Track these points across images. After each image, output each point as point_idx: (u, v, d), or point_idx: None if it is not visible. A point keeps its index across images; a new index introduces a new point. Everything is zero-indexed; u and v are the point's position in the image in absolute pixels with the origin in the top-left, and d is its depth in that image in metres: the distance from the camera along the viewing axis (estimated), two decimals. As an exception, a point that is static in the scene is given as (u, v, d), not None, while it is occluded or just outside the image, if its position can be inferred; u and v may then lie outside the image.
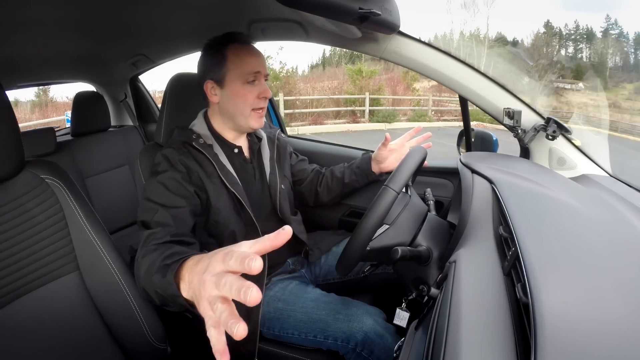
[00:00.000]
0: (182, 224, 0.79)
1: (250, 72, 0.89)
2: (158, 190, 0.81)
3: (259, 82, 0.91)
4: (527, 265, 0.43)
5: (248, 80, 0.89)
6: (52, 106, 12.35)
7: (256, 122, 0.93)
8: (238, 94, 0.90)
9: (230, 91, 0.90)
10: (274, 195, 1.01)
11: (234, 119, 0.93)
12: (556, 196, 0.68)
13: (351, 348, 0.84)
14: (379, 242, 0.75)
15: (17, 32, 1.08)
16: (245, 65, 0.89)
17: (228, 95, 0.91)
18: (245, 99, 0.90)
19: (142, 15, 1.14)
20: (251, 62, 0.89)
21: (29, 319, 0.70)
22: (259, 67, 0.90)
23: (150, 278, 0.62)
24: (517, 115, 0.94)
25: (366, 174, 1.12)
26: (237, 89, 0.89)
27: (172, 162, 0.86)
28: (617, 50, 18.36)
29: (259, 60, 0.91)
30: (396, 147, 1.10)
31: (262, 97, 0.91)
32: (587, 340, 0.34)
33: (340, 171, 1.16)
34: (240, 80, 0.89)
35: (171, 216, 0.78)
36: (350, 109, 11.11)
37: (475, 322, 0.41)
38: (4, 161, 0.67)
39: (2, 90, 0.65)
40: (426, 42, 1.00)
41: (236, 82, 0.89)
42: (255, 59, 0.90)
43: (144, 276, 0.65)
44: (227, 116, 0.94)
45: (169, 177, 0.83)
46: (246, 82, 0.89)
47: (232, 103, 0.91)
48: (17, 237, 0.69)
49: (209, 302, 0.42)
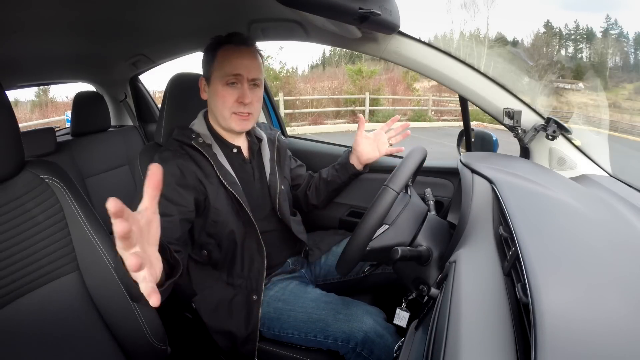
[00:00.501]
0: (169, 233, 0.78)
1: (229, 74, 0.87)
2: None
3: (240, 85, 0.89)
4: (527, 265, 0.43)
5: (228, 81, 0.88)
6: (52, 106, 12.35)
7: (237, 125, 0.91)
8: (218, 94, 0.89)
9: (212, 90, 0.90)
10: (273, 196, 1.01)
11: (217, 118, 0.93)
12: (556, 196, 0.68)
13: (351, 348, 0.84)
14: (379, 242, 0.75)
15: (17, 32, 1.08)
16: (227, 66, 0.87)
17: (212, 94, 0.91)
18: (224, 100, 0.89)
19: (142, 15, 1.14)
20: (234, 64, 0.87)
21: (29, 319, 0.70)
22: (241, 70, 0.88)
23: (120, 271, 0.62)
24: (517, 115, 0.94)
25: (346, 168, 1.11)
26: (217, 89, 0.89)
27: (167, 165, 0.84)
28: (617, 50, 18.37)
29: (244, 63, 0.88)
30: (373, 137, 1.10)
31: (240, 102, 0.89)
32: (587, 340, 0.34)
33: (325, 172, 1.16)
34: (221, 80, 0.88)
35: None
36: (350, 109, 11.11)
37: (475, 322, 0.41)
38: (4, 161, 0.67)
39: (2, 90, 0.65)
40: (426, 42, 1.00)
41: (217, 82, 0.89)
42: (240, 61, 0.88)
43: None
44: (213, 115, 0.94)
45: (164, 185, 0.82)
46: (226, 84, 0.88)
47: (213, 102, 0.92)
48: (17, 237, 0.69)
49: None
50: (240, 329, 0.90)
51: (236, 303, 0.92)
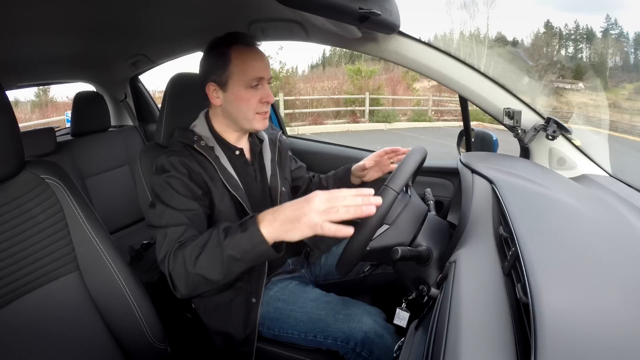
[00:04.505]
0: (198, 226, 0.80)
1: (254, 78, 0.87)
2: (169, 194, 0.81)
3: (262, 86, 0.89)
4: (527, 265, 0.43)
5: (252, 85, 0.88)
6: (52, 106, 12.33)
7: (260, 124, 0.92)
8: (241, 98, 0.88)
9: (233, 95, 0.89)
10: (274, 197, 1.00)
11: (237, 122, 0.92)
12: (556, 196, 0.68)
13: (351, 348, 0.84)
14: (379, 242, 0.75)
15: (17, 32, 1.08)
16: (249, 70, 0.87)
17: (231, 99, 0.90)
18: (249, 103, 0.89)
19: (142, 15, 1.14)
20: (255, 67, 0.88)
21: (29, 319, 0.70)
22: (263, 73, 0.88)
23: (217, 248, 0.66)
24: (517, 115, 0.94)
25: (347, 186, 1.10)
26: (240, 93, 0.88)
27: (176, 166, 0.84)
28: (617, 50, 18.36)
29: (263, 65, 0.89)
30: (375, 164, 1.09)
31: (265, 101, 0.90)
32: (587, 340, 0.34)
33: (326, 180, 1.16)
34: (244, 85, 0.87)
35: (188, 218, 0.79)
36: (350, 109, 11.11)
37: (475, 322, 0.41)
38: (4, 161, 0.67)
39: (2, 90, 0.65)
40: (426, 42, 1.00)
41: (239, 87, 0.88)
42: (259, 63, 0.88)
43: (194, 261, 0.68)
44: (230, 119, 0.93)
45: (177, 181, 0.83)
46: (249, 87, 0.88)
47: (235, 107, 0.90)
48: (17, 237, 0.69)
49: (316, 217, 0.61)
50: (238, 330, 0.90)
51: (235, 305, 0.92)
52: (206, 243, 0.69)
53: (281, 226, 0.63)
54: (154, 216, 0.81)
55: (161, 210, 0.80)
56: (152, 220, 0.81)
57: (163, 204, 0.80)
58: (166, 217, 0.78)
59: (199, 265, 0.68)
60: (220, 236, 0.67)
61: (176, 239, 0.74)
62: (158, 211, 0.80)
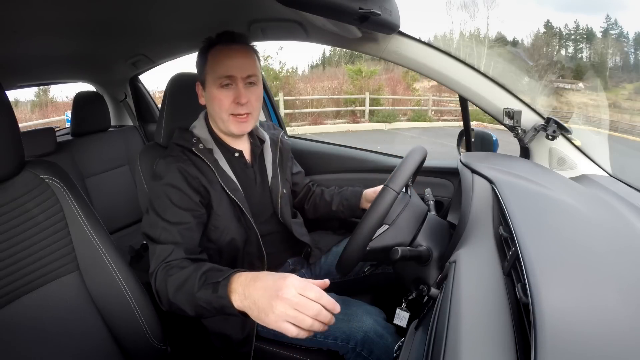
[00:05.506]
0: (189, 240, 0.80)
1: (221, 76, 0.85)
2: (163, 204, 0.81)
3: (235, 86, 0.86)
4: (527, 265, 0.43)
5: (222, 84, 0.85)
6: (52, 106, 12.33)
7: (236, 128, 0.89)
8: (214, 98, 0.87)
9: (209, 94, 0.88)
10: (275, 200, 1.00)
11: (217, 123, 0.92)
12: (556, 196, 0.68)
13: (351, 348, 0.84)
14: (379, 242, 0.75)
15: (17, 32, 1.08)
16: (219, 68, 0.85)
17: (208, 99, 0.89)
18: (221, 103, 0.86)
19: (142, 15, 1.14)
20: (226, 65, 0.85)
21: (29, 319, 0.70)
22: (233, 71, 0.84)
23: (191, 295, 0.67)
24: (517, 115, 0.94)
25: (353, 209, 1.09)
26: (213, 92, 0.87)
27: (173, 172, 0.84)
28: (617, 50, 18.36)
29: (235, 63, 0.85)
30: None
31: (237, 102, 0.86)
32: (587, 340, 0.34)
33: (330, 195, 1.14)
34: (215, 83, 0.86)
35: (179, 233, 0.79)
36: (350, 109, 11.11)
37: (475, 322, 0.41)
38: (4, 161, 0.67)
39: (2, 90, 0.65)
40: (426, 42, 1.00)
41: (212, 86, 0.86)
42: (231, 62, 0.85)
43: (174, 293, 0.70)
44: (212, 119, 0.93)
45: (173, 190, 0.82)
46: (220, 86, 0.86)
47: (210, 107, 0.90)
48: (17, 237, 0.69)
49: (281, 318, 0.56)
50: (236, 332, 0.90)
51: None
52: (186, 280, 0.69)
53: (249, 307, 0.60)
54: (147, 223, 0.82)
55: (154, 220, 0.80)
56: (145, 226, 0.82)
57: (157, 215, 0.80)
58: (158, 230, 0.79)
59: (177, 298, 0.70)
60: (196, 283, 0.67)
61: (163, 259, 0.75)
62: (152, 220, 0.81)
